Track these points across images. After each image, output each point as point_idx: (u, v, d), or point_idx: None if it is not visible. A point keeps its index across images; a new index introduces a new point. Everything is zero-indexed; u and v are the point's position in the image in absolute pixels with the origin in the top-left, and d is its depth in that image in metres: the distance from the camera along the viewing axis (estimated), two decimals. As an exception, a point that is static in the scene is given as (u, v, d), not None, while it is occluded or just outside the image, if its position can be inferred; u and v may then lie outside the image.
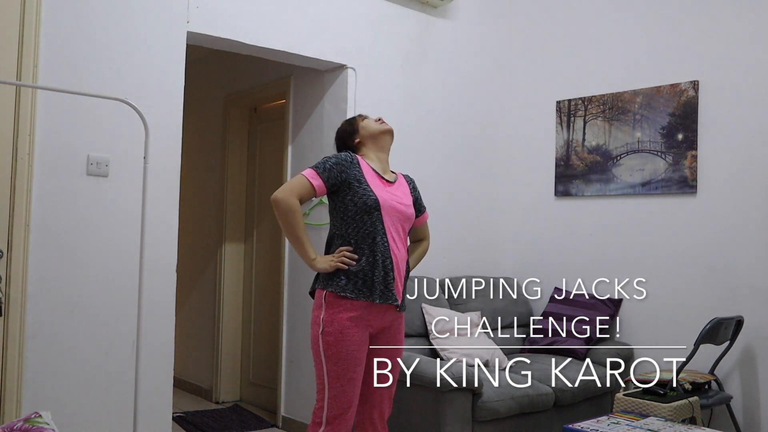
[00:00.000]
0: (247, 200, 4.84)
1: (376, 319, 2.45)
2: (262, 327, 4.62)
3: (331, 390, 2.36)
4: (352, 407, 2.39)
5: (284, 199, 2.37)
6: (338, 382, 2.35)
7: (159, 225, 3.05)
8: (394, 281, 2.44)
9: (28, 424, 1.90)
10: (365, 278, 2.39)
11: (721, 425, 3.45)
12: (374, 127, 2.60)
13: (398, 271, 2.47)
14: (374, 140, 2.59)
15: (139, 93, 2.99)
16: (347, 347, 2.35)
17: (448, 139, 4.24)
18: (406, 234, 2.57)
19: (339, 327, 2.36)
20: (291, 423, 3.97)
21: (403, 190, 2.62)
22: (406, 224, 2.54)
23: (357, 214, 2.42)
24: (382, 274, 2.40)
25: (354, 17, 3.80)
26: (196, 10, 3.19)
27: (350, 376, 2.36)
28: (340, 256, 2.40)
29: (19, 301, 2.68)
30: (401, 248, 2.50)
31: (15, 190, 2.68)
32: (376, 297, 2.39)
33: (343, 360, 2.35)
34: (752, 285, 3.44)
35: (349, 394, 2.37)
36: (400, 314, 2.55)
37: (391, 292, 2.42)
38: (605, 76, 4.11)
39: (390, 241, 2.44)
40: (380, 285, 2.40)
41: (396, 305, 2.46)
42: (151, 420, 3.01)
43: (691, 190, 3.69)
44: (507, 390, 3.18)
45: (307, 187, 2.40)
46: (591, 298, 4.00)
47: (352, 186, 2.43)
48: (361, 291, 2.38)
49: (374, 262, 2.39)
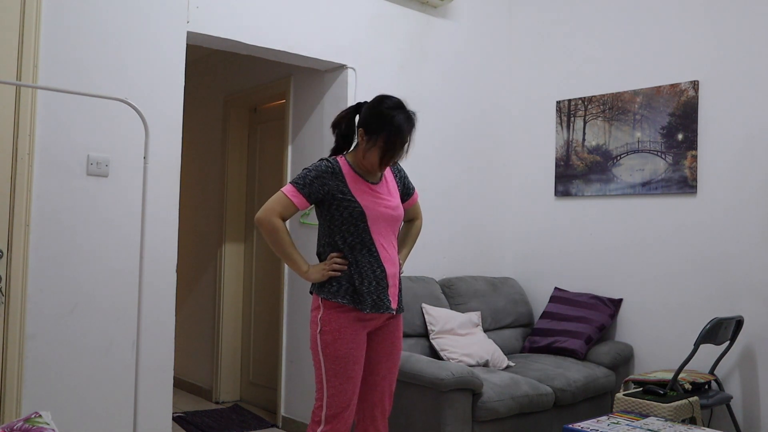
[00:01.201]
0: (247, 200, 4.84)
1: (374, 320, 2.45)
2: (262, 327, 4.62)
3: (329, 389, 2.36)
4: (351, 406, 2.39)
5: (266, 219, 2.37)
6: (337, 380, 2.36)
7: (159, 225, 3.05)
8: (387, 289, 2.43)
9: (28, 424, 1.90)
10: (355, 289, 2.39)
11: (721, 425, 3.45)
12: (373, 163, 2.40)
13: (392, 276, 2.46)
14: (367, 163, 2.42)
15: (140, 93, 3.00)
16: (345, 346, 2.36)
17: (448, 139, 4.25)
18: (396, 234, 2.54)
19: (336, 326, 2.37)
20: (291, 423, 3.97)
21: (389, 186, 2.54)
22: (394, 226, 2.51)
23: (343, 225, 2.41)
24: (374, 284, 2.40)
25: (354, 17, 3.80)
26: (196, 10, 3.20)
27: (348, 374, 2.36)
28: (332, 263, 2.40)
29: (19, 301, 2.68)
30: (391, 253, 2.47)
31: (15, 189, 2.68)
32: (367, 307, 2.39)
33: (340, 358, 2.35)
34: (752, 285, 3.44)
35: (348, 392, 2.37)
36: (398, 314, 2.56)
37: (384, 301, 2.42)
38: (605, 76, 4.11)
39: (379, 249, 2.42)
40: (371, 296, 2.39)
41: (391, 312, 2.46)
42: (151, 420, 3.01)
43: (691, 190, 3.69)
44: (507, 390, 3.18)
45: (287, 204, 2.38)
46: (591, 298, 4.01)
47: (336, 198, 2.39)
48: (352, 298, 2.39)
49: (362, 273, 2.39)
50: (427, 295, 3.77)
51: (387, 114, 2.36)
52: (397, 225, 2.53)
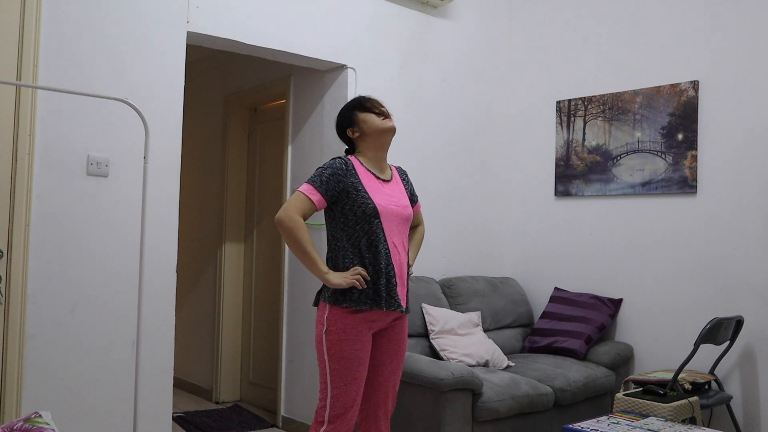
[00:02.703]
0: (247, 200, 4.84)
1: (380, 321, 2.45)
2: (262, 327, 4.62)
3: (333, 389, 2.36)
4: (355, 406, 2.39)
5: (288, 218, 2.35)
6: (341, 381, 2.35)
7: (159, 225, 3.05)
8: (396, 287, 2.44)
9: (28, 424, 1.90)
10: (373, 287, 2.39)
11: (721, 425, 3.45)
12: (377, 125, 2.51)
13: (400, 276, 2.47)
14: (375, 138, 2.51)
15: (140, 93, 3.00)
16: (350, 346, 2.35)
17: (448, 138, 4.25)
18: (406, 236, 2.55)
19: (342, 326, 2.36)
20: (291, 423, 3.97)
21: (400, 188, 2.59)
22: (404, 226, 2.52)
23: (357, 223, 2.41)
24: (385, 281, 2.40)
25: (354, 17, 3.80)
26: (196, 10, 3.20)
27: (353, 375, 2.36)
28: (356, 274, 2.37)
29: (19, 301, 2.68)
30: (401, 253, 2.49)
31: (15, 189, 2.68)
32: (383, 305, 2.39)
33: (345, 359, 2.35)
34: (752, 285, 3.44)
35: (352, 393, 2.37)
36: (403, 314, 2.56)
37: (394, 299, 2.42)
38: (605, 76, 4.11)
39: (391, 247, 2.44)
40: (384, 293, 2.40)
41: (401, 310, 2.47)
42: (151, 420, 3.01)
43: (691, 190, 3.69)
44: (507, 390, 3.18)
45: (306, 203, 2.37)
46: (591, 298, 4.01)
47: (351, 195, 2.40)
48: (373, 300, 2.39)
49: (378, 270, 2.40)
50: (427, 295, 3.78)
51: (345, 106, 2.61)
52: (407, 224, 2.55)
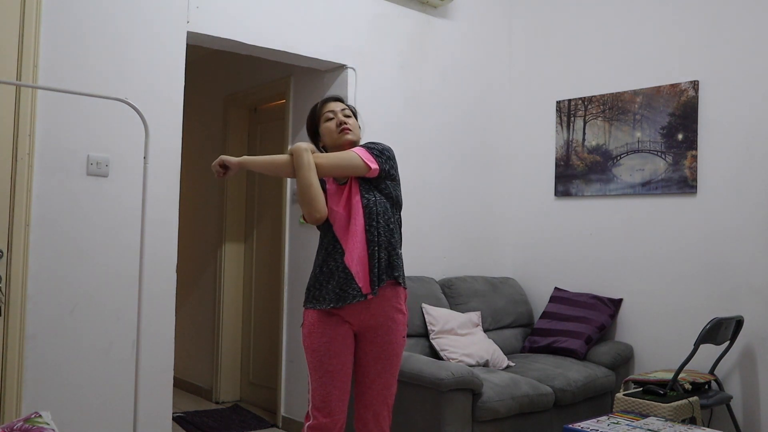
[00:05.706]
0: (247, 200, 4.84)
1: (352, 316, 2.39)
2: (262, 327, 4.62)
3: (312, 382, 2.40)
4: (332, 400, 2.36)
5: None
6: (317, 373, 2.39)
7: (159, 225, 3.05)
8: (353, 279, 2.34)
9: (28, 424, 1.90)
10: (325, 288, 2.41)
11: (721, 425, 3.45)
12: (334, 138, 2.51)
13: (360, 262, 2.35)
14: (334, 147, 2.51)
15: (139, 93, 3.00)
16: (319, 338, 2.38)
17: (447, 139, 4.25)
18: (384, 222, 2.41)
19: (311, 320, 2.42)
20: (291, 423, 3.97)
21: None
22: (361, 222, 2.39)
23: (322, 230, 2.47)
24: (335, 282, 2.37)
25: (354, 17, 3.80)
26: (196, 10, 3.20)
27: (326, 368, 2.37)
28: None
29: (19, 301, 2.68)
30: (375, 239, 2.37)
31: (15, 189, 2.68)
32: (329, 303, 2.37)
33: (317, 351, 2.38)
34: (752, 285, 3.44)
35: (327, 386, 2.37)
36: (394, 314, 2.44)
37: (347, 293, 2.34)
38: (605, 76, 4.11)
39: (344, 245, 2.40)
40: (332, 292, 2.37)
41: (363, 299, 2.35)
42: (151, 420, 3.01)
43: (691, 190, 3.69)
44: (507, 390, 3.18)
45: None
46: (591, 298, 4.01)
47: None
48: (317, 300, 2.41)
49: (328, 271, 2.40)
50: (427, 295, 3.77)
51: (308, 116, 2.63)
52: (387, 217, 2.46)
